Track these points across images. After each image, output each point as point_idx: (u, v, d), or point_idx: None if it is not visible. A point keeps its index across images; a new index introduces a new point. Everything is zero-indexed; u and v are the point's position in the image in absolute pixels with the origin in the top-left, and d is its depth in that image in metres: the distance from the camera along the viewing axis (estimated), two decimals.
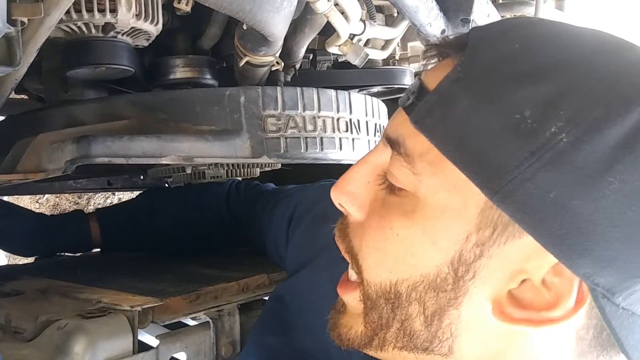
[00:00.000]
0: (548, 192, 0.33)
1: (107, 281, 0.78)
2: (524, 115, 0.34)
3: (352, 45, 0.85)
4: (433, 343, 0.40)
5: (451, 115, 0.36)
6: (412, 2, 0.82)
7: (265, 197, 0.96)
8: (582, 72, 0.35)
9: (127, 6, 0.73)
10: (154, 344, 0.64)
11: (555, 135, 0.33)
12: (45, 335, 0.60)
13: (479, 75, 0.37)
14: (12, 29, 0.57)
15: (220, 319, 0.69)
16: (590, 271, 0.33)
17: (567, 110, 0.33)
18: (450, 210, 0.37)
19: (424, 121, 0.38)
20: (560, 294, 0.35)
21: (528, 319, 0.36)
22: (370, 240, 0.42)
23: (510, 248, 0.36)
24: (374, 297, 0.42)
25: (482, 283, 0.37)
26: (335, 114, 0.88)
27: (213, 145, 0.78)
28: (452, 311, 0.38)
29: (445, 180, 0.37)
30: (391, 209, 0.40)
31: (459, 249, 0.37)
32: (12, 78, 0.67)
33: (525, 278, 0.36)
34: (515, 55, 0.36)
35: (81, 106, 0.84)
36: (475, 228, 0.36)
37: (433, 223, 0.38)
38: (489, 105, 0.35)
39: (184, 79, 0.93)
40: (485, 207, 0.36)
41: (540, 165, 0.33)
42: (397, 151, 0.39)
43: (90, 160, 0.70)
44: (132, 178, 1.35)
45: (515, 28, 0.39)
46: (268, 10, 0.68)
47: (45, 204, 3.00)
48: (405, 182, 0.39)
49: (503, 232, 0.36)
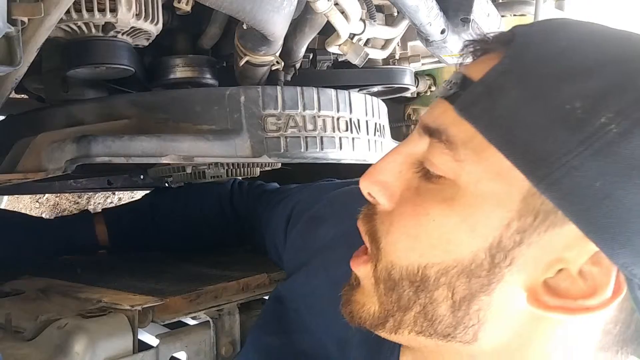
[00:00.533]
0: (594, 181, 0.33)
1: (107, 281, 0.78)
2: (575, 107, 0.34)
3: (352, 44, 0.85)
4: (457, 329, 0.40)
5: (499, 105, 0.37)
6: (412, 2, 0.82)
7: (267, 197, 0.96)
8: (632, 67, 0.35)
9: (127, 6, 0.73)
10: (154, 344, 0.64)
11: (605, 126, 0.33)
12: (46, 334, 0.60)
13: (528, 70, 0.37)
14: (12, 29, 0.57)
15: (221, 318, 0.69)
16: (630, 261, 0.34)
17: (617, 103, 0.34)
18: (492, 197, 0.37)
19: (470, 109, 0.38)
20: (598, 283, 0.36)
21: (564, 306, 0.36)
22: (402, 227, 0.41)
23: (551, 236, 0.36)
24: (397, 278, 0.41)
25: (519, 270, 0.37)
26: (335, 113, 0.88)
27: (213, 145, 0.78)
28: (483, 297, 0.38)
29: (489, 167, 0.37)
30: (427, 196, 0.40)
31: (498, 235, 0.37)
32: (12, 78, 0.67)
33: (562, 267, 0.36)
34: (564, 52, 0.37)
35: (81, 106, 0.84)
36: (517, 215, 0.36)
37: (474, 210, 0.38)
38: (539, 97, 0.36)
39: (184, 79, 0.92)
40: (528, 195, 0.36)
41: (589, 154, 0.34)
42: (438, 139, 0.40)
43: (91, 160, 0.70)
44: (132, 177, 1.35)
45: (561, 27, 0.40)
46: (268, 9, 0.68)
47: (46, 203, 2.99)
48: (445, 169, 0.39)
49: (544, 220, 0.36)
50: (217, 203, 1.02)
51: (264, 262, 0.87)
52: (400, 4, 0.82)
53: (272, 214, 0.87)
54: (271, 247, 0.86)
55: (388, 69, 1.18)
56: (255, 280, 0.78)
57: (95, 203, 2.97)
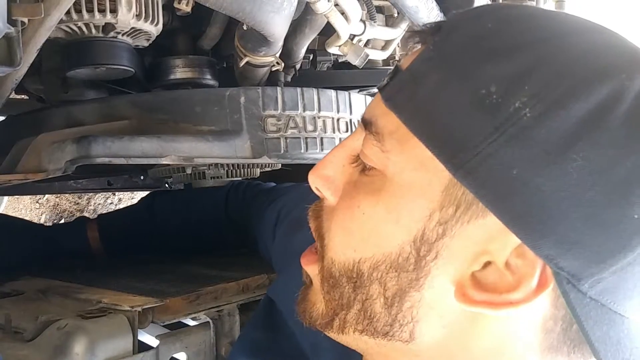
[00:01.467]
0: (511, 168, 0.32)
1: (107, 282, 0.78)
2: (490, 91, 0.33)
3: (352, 45, 0.85)
4: (393, 327, 0.39)
5: (420, 92, 0.36)
6: (412, 3, 0.82)
7: (259, 199, 0.96)
8: (550, 50, 0.34)
9: (127, 6, 0.73)
10: (154, 344, 0.64)
11: (519, 110, 0.32)
12: (45, 335, 0.60)
13: (450, 53, 0.36)
14: (12, 29, 0.57)
15: (220, 319, 0.69)
16: (554, 253, 0.32)
17: (532, 86, 0.33)
18: (415, 187, 0.37)
19: (394, 99, 0.38)
20: (522, 276, 0.34)
21: (488, 301, 0.35)
22: (339, 220, 0.41)
23: (474, 228, 0.35)
24: (337, 276, 0.41)
25: (445, 264, 0.36)
26: (335, 114, 0.88)
27: (213, 146, 0.78)
28: (414, 293, 0.38)
29: (412, 157, 0.37)
30: (360, 189, 0.40)
31: (421, 227, 0.36)
32: (12, 78, 0.67)
33: (488, 260, 0.35)
34: (486, 34, 0.36)
35: (81, 106, 0.84)
36: (439, 206, 0.36)
37: (398, 201, 0.37)
38: (456, 81, 0.35)
39: (184, 80, 0.93)
40: (449, 185, 0.35)
41: (504, 140, 0.33)
42: (369, 130, 0.39)
43: (91, 161, 0.70)
44: (132, 178, 1.35)
45: (490, 10, 0.39)
46: (268, 10, 0.68)
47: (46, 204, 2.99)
48: (375, 160, 0.39)
49: (466, 211, 0.35)
50: (214, 207, 1.02)
51: (263, 263, 0.87)
52: (401, 5, 0.82)
53: (262, 217, 0.87)
54: (263, 249, 0.87)
55: (388, 70, 1.18)
56: (255, 281, 0.78)
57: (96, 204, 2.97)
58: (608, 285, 0.33)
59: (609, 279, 0.33)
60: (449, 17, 0.40)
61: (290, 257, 0.67)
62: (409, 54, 0.40)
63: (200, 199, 1.04)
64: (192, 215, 1.02)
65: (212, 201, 1.03)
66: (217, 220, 1.02)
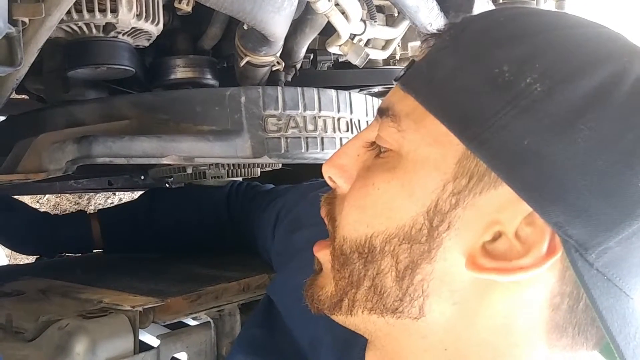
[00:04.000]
0: (522, 138, 0.34)
1: (108, 281, 0.78)
2: (502, 70, 0.36)
3: (353, 45, 0.85)
4: (403, 302, 0.40)
5: (436, 75, 0.39)
6: (412, 2, 0.82)
7: (259, 199, 0.96)
8: (558, 35, 0.37)
9: (127, 6, 0.73)
10: (155, 344, 0.64)
11: (530, 85, 0.35)
12: (46, 335, 0.60)
13: (465, 41, 0.39)
14: (13, 29, 0.57)
15: (221, 319, 0.69)
16: (562, 220, 0.34)
17: (542, 64, 0.35)
18: (429, 162, 0.38)
19: (411, 83, 0.40)
20: (532, 243, 0.35)
21: (498, 268, 0.36)
22: (352, 199, 0.43)
23: (486, 198, 0.36)
24: (348, 252, 0.42)
25: (457, 235, 0.37)
26: (335, 114, 0.88)
27: (214, 145, 0.78)
28: (425, 265, 0.38)
29: (427, 134, 0.38)
30: (375, 169, 0.42)
31: (435, 198, 0.38)
32: (13, 78, 0.67)
33: (499, 230, 0.36)
34: (499, 25, 0.39)
35: (82, 106, 0.84)
36: (452, 177, 0.37)
37: (412, 175, 0.39)
38: (471, 63, 0.38)
39: (184, 79, 0.93)
40: (462, 157, 0.37)
41: (516, 113, 0.35)
42: (385, 115, 0.41)
43: (91, 161, 0.70)
44: (132, 178, 1.35)
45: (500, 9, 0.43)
46: (269, 10, 0.68)
47: (46, 204, 3.00)
48: (390, 140, 0.41)
49: (479, 182, 0.36)
50: (214, 207, 1.02)
51: (263, 262, 0.87)
52: (401, 5, 0.82)
53: (261, 217, 0.88)
54: (262, 250, 0.87)
55: (389, 70, 1.18)
56: (255, 281, 0.78)
57: (96, 203, 2.97)
58: (614, 257, 0.34)
59: (615, 250, 0.34)
60: (463, 18, 0.42)
61: (290, 256, 0.67)
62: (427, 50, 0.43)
63: (201, 198, 1.04)
64: (192, 214, 1.02)
65: (212, 201, 1.03)
66: (217, 220, 1.02)
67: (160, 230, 1.01)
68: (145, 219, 1.01)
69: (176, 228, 1.01)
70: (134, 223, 1.01)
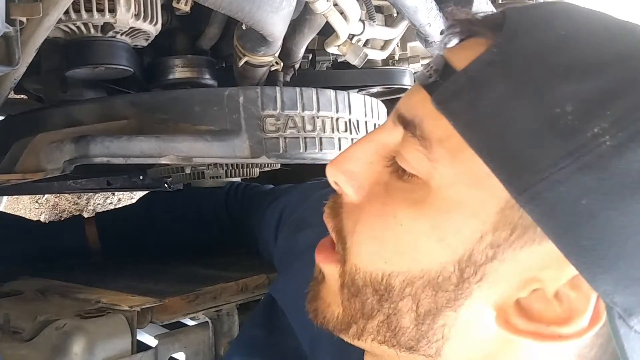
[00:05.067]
0: (581, 198, 0.30)
1: (106, 281, 0.78)
2: (565, 110, 0.30)
3: (352, 45, 0.85)
4: (420, 343, 0.37)
5: (482, 101, 0.33)
6: (411, 2, 0.82)
7: (259, 200, 0.96)
8: (636, 73, 0.31)
9: (126, 6, 0.73)
10: (152, 344, 0.64)
11: (597, 137, 0.30)
12: (44, 335, 0.60)
13: (519, 62, 0.33)
14: (10, 29, 0.57)
15: (219, 319, 0.69)
16: (611, 289, 0.31)
17: (614, 111, 0.30)
18: (465, 205, 0.34)
19: (449, 103, 0.34)
20: (574, 310, 0.32)
21: (535, 332, 0.33)
22: (368, 227, 0.38)
23: (527, 253, 0.33)
24: (360, 285, 0.38)
25: (489, 287, 0.34)
26: (334, 114, 0.88)
27: (212, 146, 0.78)
28: (449, 313, 0.35)
29: (465, 171, 0.34)
30: (396, 196, 0.37)
31: (469, 249, 0.34)
32: (11, 78, 0.67)
33: (537, 287, 0.33)
34: (561, 44, 0.33)
35: (80, 106, 0.84)
36: (492, 228, 0.33)
37: (445, 218, 0.34)
38: (527, 95, 0.32)
39: (183, 79, 0.92)
40: (505, 207, 0.33)
41: (576, 167, 0.30)
42: (412, 133, 0.36)
43: (89, 160, 0.69)
44: (131, 178, 1.35)
45: (560, 13, 0.36)
46: (267, 10, 0.68)
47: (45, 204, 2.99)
48: (418, 168, 0.36)
49: (522, 236, 0.33)
50: (213, 208, 1.02)
51: (262, 263, 0.87)
52: (400, 5, 0.82)
53: (263, 217, 0.87)
54: (263, 250, 0.86)
55: (387, 70, 1.18)
56: (253, 281, 0.78)
57: (95, 204, 2.96)
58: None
59: None
60: (508, 13, 0.36)
61: (293, 257, 0.66)
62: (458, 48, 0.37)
63: (199, 199, 1.04)
64: (190, 215, 1.02)
65: (211, 201, 1.03)
66: (216, 220, 1.02)
67: (160, 233, 1.01)
68: (144, 221, 1.01)
69: (175, 229, 1.01)
70: (132, 225, 1.01)
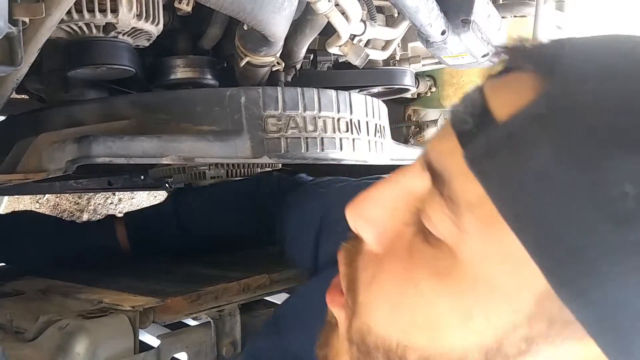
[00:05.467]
0: (637, 300, 0.25)
1: (108, 281, 0.78)
2: (624, 193, 0.25)
3: (353, 45, 0.85)
4: None
5: (523, 166, 0.27)
6: (412, 3, 0.82)
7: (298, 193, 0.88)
8: None
9: (128, 6, 0.73)
10: (155, 344, 0.64)
11: None
12: (46, 335, 0.60)
13: (572, 122, 0.27)
14: (13, 29, 0.57)
15: (221, 319, 0.69)
16: None
17: None
18: (497, 288, 0.29)
19: (483, 163, 0.28)
20: None
21: None
22: (385, 291, 0.34)
23: (565, 349, 0.29)
24: (371, 347, 0.34)
25: None
26: (335, 114, 0.88)
27: (214, 146, 0.78)
28: None
29: (497, 249, 0.28)
30: (420, 261, 0.32)
31: (500, 338, 0.29)
32: (13, 78, 0.67)
33: None
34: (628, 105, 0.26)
35: (82, 106, 0.84)
36: (527, 319, 0.28)
37: (471, 298, 0.29)
38: (579, 167, 0.26)
39: (184, 79, 0.93)
40: (544, 297, 0.28)
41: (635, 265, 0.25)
42: (439, 190, 0.31)
43: (91, 161, 0.70)
44: (132, 178, 1.35)
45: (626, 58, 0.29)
46: (269, 10, 0.68)
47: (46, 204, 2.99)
48: (444, 232, 0.31)
49: (562, 330, 0.28)
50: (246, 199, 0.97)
51: (264, 262, 0.87)
52: (401, 5, 0.82)
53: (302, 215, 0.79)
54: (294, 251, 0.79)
55: (388, 70, 1.18)
56: (255, 281, 0.78)
57: (96, 204, 2.97)
58: None
59: None
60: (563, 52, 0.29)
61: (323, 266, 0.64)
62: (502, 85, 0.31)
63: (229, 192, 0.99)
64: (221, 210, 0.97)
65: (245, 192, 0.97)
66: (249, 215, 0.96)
67: (190, 230, 0.97)
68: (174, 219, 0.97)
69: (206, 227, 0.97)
70: (162, 225, 0.98)
